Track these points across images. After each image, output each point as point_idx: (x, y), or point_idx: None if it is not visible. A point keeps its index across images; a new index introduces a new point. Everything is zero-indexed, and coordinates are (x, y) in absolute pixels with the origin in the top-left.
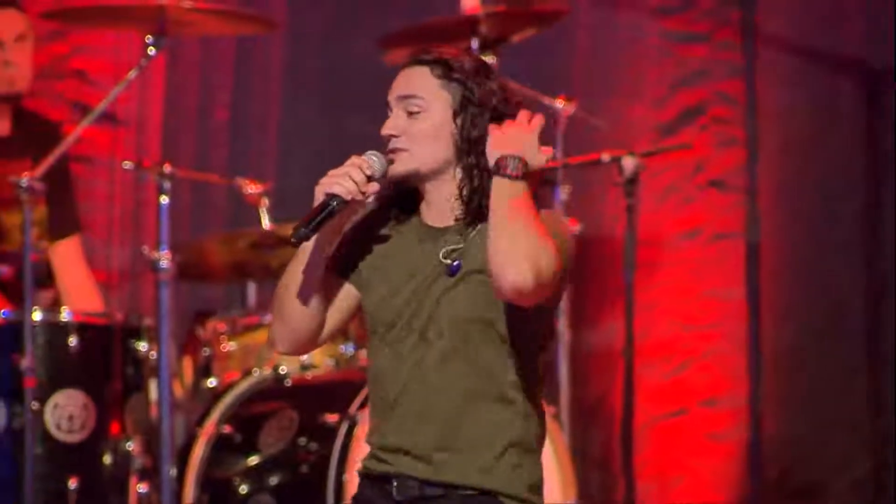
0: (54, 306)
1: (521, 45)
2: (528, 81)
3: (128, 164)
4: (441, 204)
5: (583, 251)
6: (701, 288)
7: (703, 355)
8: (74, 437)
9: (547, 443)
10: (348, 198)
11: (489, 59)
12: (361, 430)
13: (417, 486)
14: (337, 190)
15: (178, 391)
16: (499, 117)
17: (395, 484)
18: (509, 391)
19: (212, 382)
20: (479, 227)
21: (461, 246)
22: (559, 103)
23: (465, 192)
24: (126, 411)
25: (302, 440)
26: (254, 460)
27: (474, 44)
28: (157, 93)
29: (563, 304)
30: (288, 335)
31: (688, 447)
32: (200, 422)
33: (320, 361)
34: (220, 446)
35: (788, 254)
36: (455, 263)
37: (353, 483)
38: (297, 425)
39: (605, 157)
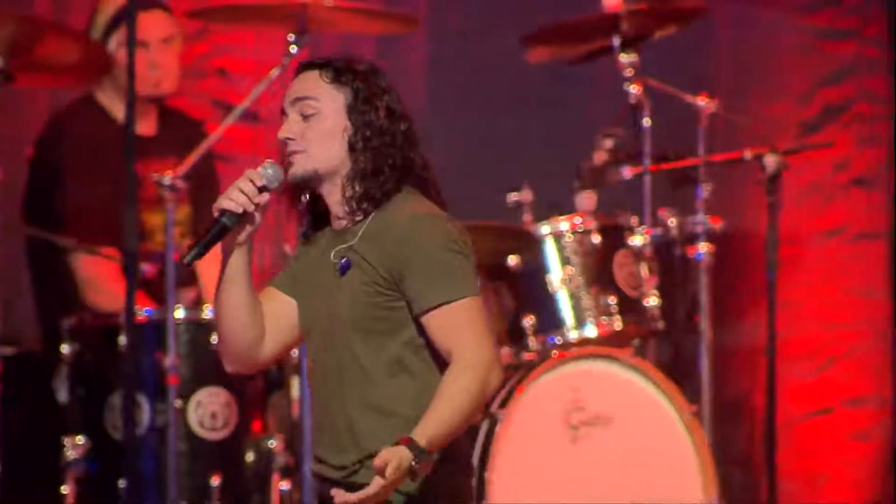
0: (196, 305)
1: (663, 42)
2: (670, 79)
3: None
4: (340, 206)
5: (725, 249)
6: (843, 286)
7: (845, 354)
8: (217, 435)
9: (688, 441)
10: (240, 211)
11: (631, 57)
12: (503, 429)
13: (328, 488)
14: (226, 205)
15: None
16: (391, 115)
17: (319, 486)
18: (384, 394)
19: None
20: (367, 222)
21: (352, 244)
22: (701, 101)
23: (355, 190)
24: (268, 409)
25: None
26: None
27: (615, 41)
28: None
29: (705, 302)
30: (227, 354)
31: (831, 447)
32: None
33: None
34: None
35: None
36: (343, 262)
37: (495, 482)
38: None
39: (748, 154)
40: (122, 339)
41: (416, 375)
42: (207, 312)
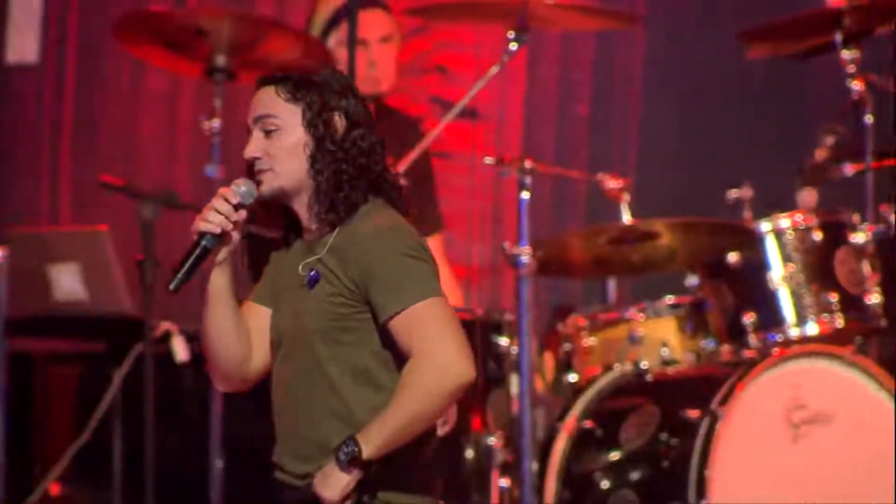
0: None
1: (885, 38)
2: (892, 76)
3: (488, 160)
4: (310, 218)
5: None
6: None
7: None
8: (437, 431)
9: None
10: (218, 231)
11: (853, 53)
12: (723, 426)
13: (291, 496)
14: (204, 227)
15: (539, 386)
16: (348, 125)
17: (280, 494)
18: (349, 405)
19: (572, 377)
20: (335, 234)
21: (319, 256)
22: None
23: (321, 203)
24: (488, 406)
25: (663, 435)
26: (615, 455)
27: (837, 37)
28: (518, 88)
29: None
30: (217, 373)
31: None
32: (561, 417)
33: (682, 356)
34: (581, 441)
35: None
36: (311, 274)
37: (714, 480)
38: (659, 420)
39: None
40: None
41: (382, 386)
42: None
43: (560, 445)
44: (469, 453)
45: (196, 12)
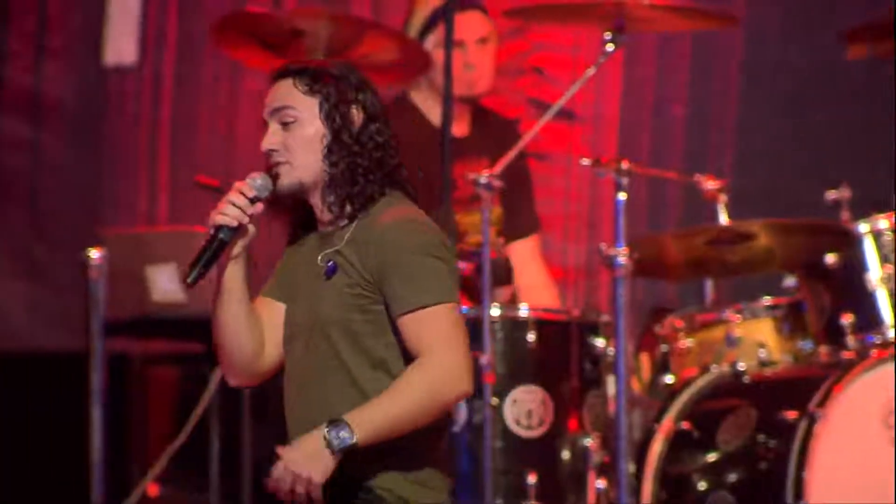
0: (512, 303)
1: None
2: None
3: (585, 161)
4: (325, 210)
5: None
6: None
7: None
8: (533, 433)
9: None
10: (234, 224)
11: None
12: (821, 428)
13: None
14: (220, 220)
15: (636, 387)
16: (366, 117)
17: None
18: (368, 395)
19: (669, 379)
20: (354, 226)
21: (338, 247)
22: None
23: (337, 195)
24: (584, 407)
25: (761, 437)
26: (712, 457)
27: None
28: (614, 89)
29: None
30: (229, 368)
31: None
32: (658, 418)
33: (779, 358)
34: (678, 443)
35: None
36: (329, 265)
37: (812, 481)
38: (756, 422)
39: None
40: None
41: (397, 377)
42: (523, 311)
43: (657, 447)
44: (565, 454)
45: (293, 13)
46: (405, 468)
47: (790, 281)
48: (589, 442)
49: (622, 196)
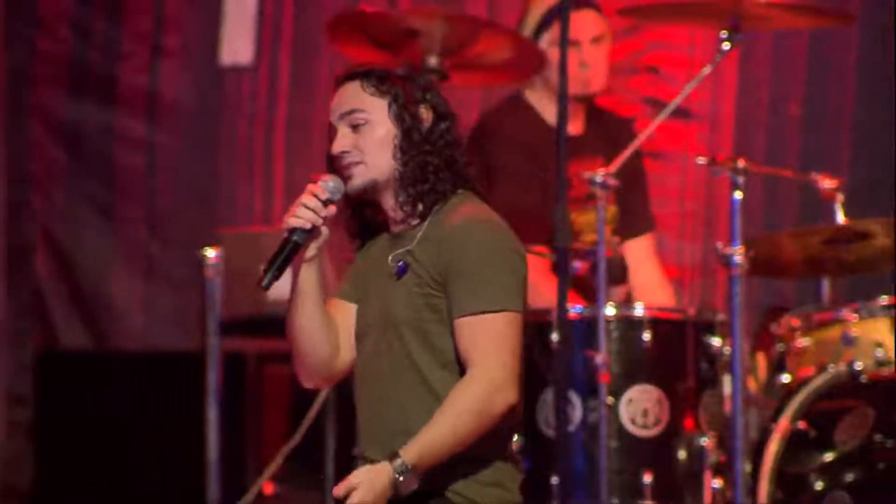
0: (627, 302)
1: None
2: None
3: (701, 160)
4: (396, 210)
5: None
6: None
7: None
8: (649, 432)
9: None
10: (308, 226)
11: None
12: None
13: None
14: (294, 223)
15: (752, 387)
16: (435, 116)
17: None
18: (439, 395)
19: (785, 378)
20: (424, 226)
21: (409, 248)
22: None
23: (409, 194)
24: (700, 407)
25: (878, 437)
26: (829, 457)
27: None
28: (730, 87)
29: None
30: (304, 370)
31: None
32: (774, 417)
33: None
34: (795, 442)
35: None
36: (400, 265)
37: None
38: (873, 422)
39: None
40: (554, 337)
41: (462, 378)
42: (638, 310)
43: (773, 446)
44: (681, 454)
45: (408, 13)
46: (475, 471)
47: None
48: (705, 441)
49: (738, 195)
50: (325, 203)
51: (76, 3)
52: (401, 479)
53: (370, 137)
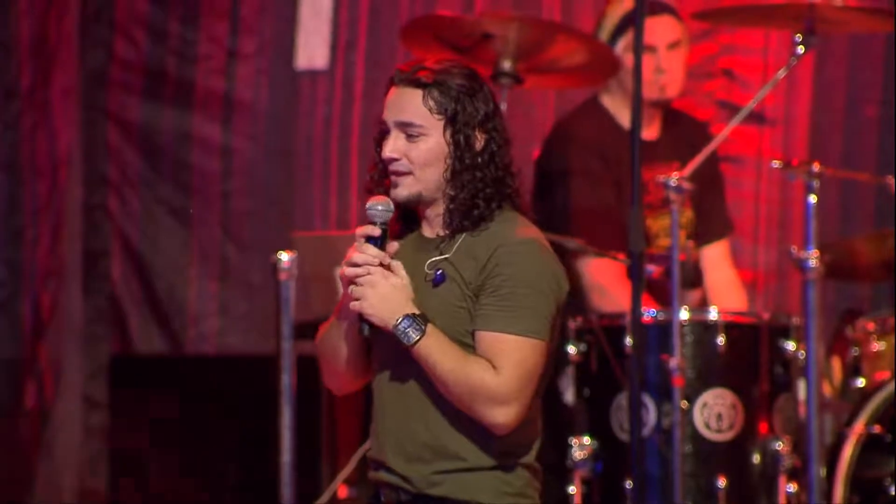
0: (702, 306)
1: None
2: None
3: (776, 163)
4: (435, 218)
5: None
6: None
7: None
8: (723, 436)
9: None
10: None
11: None
12: None
13: (395, 496)
14: (360, 296)
15: (827, 391)
16: (489, 137)
17: (381, 493)
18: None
19: (860, 382)
20: (464, 236)
21: (447, 256)
22: None
23: (453, 206)
24: (774, 411)
25: None
26: None
27: None
28: (805, 91)
29: None
30: (335, 382)
31: None
32: (849, 422)
33: None
34: (870, 446)
35: None
36: (438, 273)
37: None
38: None
39: None
40: (628, 341)
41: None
42: (712, 314)
43: (848, 450)
44: (756, 458)
45: (483, 17)
46: (497, 479)
47: None
48: (779, 446)
49: (813, 198)
50: (382, 239)
51: (153, 6)
52: (402, 324)
53: (423, 150)
